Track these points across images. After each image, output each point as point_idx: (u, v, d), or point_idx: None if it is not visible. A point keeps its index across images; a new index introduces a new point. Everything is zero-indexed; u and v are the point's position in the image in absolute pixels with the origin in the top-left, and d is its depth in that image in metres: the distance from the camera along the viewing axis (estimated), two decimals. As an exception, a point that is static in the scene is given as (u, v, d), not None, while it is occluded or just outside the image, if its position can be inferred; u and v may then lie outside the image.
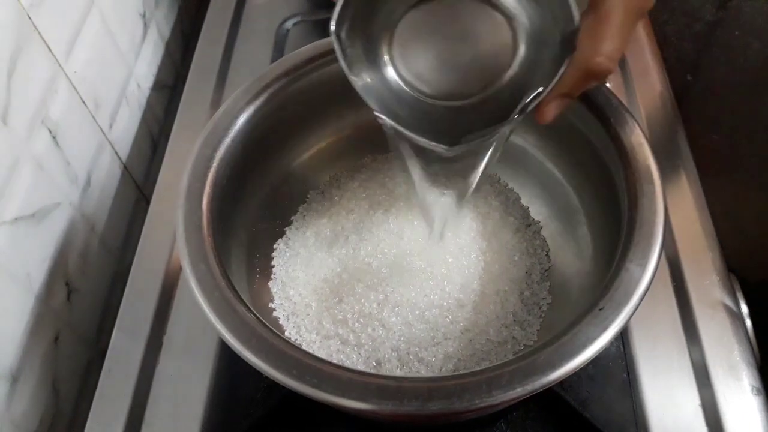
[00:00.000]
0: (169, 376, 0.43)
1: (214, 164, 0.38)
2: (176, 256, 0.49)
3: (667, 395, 0.41)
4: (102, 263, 0.53)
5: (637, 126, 0.37)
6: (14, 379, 0.41)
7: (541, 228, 0.46)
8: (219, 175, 0.38)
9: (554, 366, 0.29)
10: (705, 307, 0.44)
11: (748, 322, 0.43)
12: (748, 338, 0.43)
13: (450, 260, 0.43)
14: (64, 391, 0.46)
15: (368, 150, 0.50)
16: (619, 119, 0.38)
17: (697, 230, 0.47)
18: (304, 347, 0.38)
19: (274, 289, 0.44)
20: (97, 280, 0.52)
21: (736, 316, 0.43)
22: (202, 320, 0.45)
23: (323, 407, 0.42)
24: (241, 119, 0.40)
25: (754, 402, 0.40)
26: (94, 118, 0.51)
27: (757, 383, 0.41)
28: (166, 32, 0.67)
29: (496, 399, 0.29)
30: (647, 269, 0.32)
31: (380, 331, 0.40)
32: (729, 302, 0.44)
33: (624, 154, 0.36)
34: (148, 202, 0.59)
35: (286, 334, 0.42)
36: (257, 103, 0.41)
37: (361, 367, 0.40)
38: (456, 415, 0.35)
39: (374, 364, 0.40)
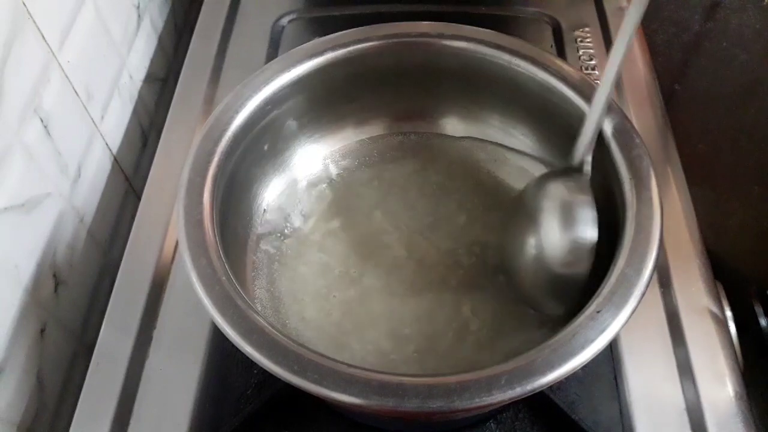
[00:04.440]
0: (159, 370, 0.43)
1: (215, 158, 0.38)
2: (167, 250, 0.48)
3: (653, 399, 0.41)
4: (90, 256, 0.52)
5: (636, 134, 0.38)
6: (-1, 371, 0.40)
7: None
8: (220, 170, 0.38)
9: (553, 367, 0.30)
10: (691, 313, 0.44)
11: (733, 329, 0.44)
12: (733, 344, 0.44)
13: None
14: (49, 384, 0.45)
15: (370, 146, 0.50)
16: (619, 127, 0.38)
17: (685, 237, 0.48)
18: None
19: (273, 284, 0.44)
20: (84, 273, 0.51)
21: (721, 323, 0.44)
22: (193, 315, 0.45)
23: (314, 403, 0.42)
24: (243, 113, 0.40)
25: (737, 407, 0.41)
26: (86, 108, 0.51)
27: (740, 388, 0.42)
28: (160, 25, 0.66)
29: (496, 398, 0.29)
30: (644, 274, 0.33)
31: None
32: (715, 309, 0.45)
33: (623, 161, 0.37)
34: (137, 196, 0.59)
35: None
36: (259, 97, 0.41)
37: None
38: (454, 414, 0.35)
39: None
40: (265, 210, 0.46)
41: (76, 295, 0.50)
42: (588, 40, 0.61)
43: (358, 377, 0.30)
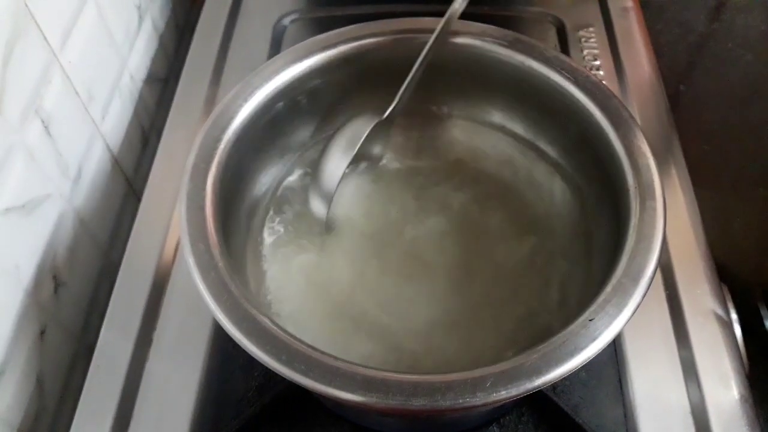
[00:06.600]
0: (159, 373, 0.43)
1: (221, 145, 0.38)
2: (167, 252, 0.48)
3: (657, 401, 0.41)
4: (90, 257, 0.52)
5: (645, 142, 0.37)
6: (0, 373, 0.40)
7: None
8: (226, 157, 0.38)
9: (540, 372, 0.30)
10: (696, 315, 0.44)
11: (738, 331, 0.44)
12: (738, 347, 0.43)
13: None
14: (49, 386, 0.45)
15: (376, 142, 0.48)
16: (628, 133, 0.38)
17: (690, 239, 0.48)
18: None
19: (269, 274, 0.43)
20: (84, 275, 0.51)
21: (726, 325, 0.44)
22: (193, 317, 0.45)
23: (315, 406, 0.42)
24: (251, 103, 0.40)
25: (742, 409, 0.40)
26: (86, 109, 0.51)
27: (745, 391, 0.41)
28: (161, 25, 0.66)
29: (480, 400, 0.29)
30: (641, 284, 0.32)
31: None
32: (720, 311, 0.44)
33: (630, 169, 0.37)
34: (137, 197, 0.59)
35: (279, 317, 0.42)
36: (268, 88, 0.41)
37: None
38: (441, 413, 0.35)
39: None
40: (269, 199, 0.45)
41: (76, 297, 0.49)
42: (592, 40, 0.61)
43: (344, 371, 0.29)
